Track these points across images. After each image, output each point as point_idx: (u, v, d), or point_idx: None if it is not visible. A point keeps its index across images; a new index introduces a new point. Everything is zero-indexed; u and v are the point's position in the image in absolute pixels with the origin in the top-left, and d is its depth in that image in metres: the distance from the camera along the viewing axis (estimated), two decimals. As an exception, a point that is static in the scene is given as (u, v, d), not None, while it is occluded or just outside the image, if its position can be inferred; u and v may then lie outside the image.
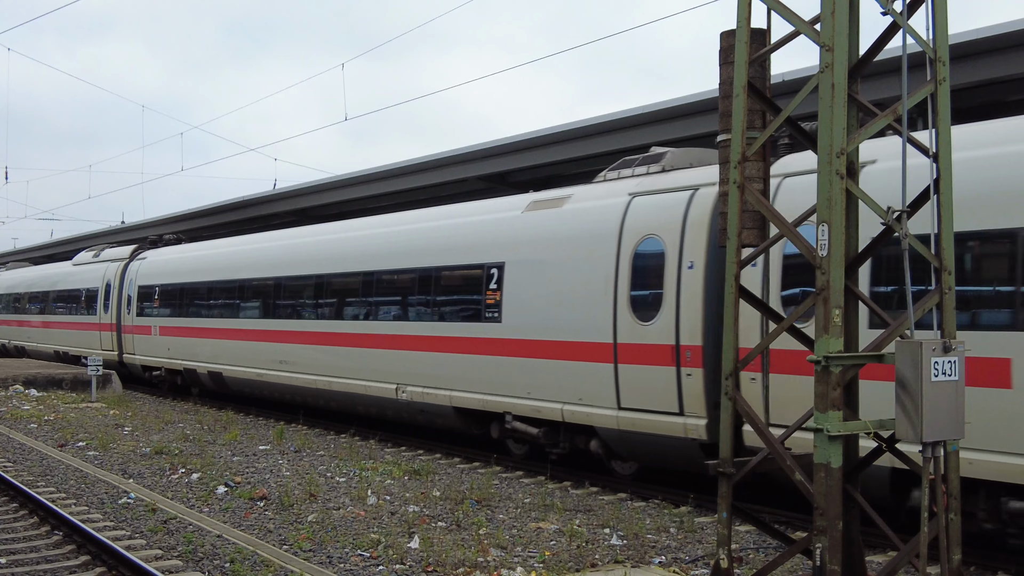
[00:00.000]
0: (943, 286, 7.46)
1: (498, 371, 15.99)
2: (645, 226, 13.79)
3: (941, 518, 7.17)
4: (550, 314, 15.09)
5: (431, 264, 17.85)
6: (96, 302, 33.43)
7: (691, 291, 13.01)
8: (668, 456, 13.66)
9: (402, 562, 10.19)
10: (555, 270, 15.12)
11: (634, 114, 21.42)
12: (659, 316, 13.37)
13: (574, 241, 14.91)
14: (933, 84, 7.46)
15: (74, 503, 13.26)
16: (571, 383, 14.64)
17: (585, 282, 14.51)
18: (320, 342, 21.00)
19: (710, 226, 12.87)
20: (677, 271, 13.19)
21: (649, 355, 13.48)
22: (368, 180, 31.43)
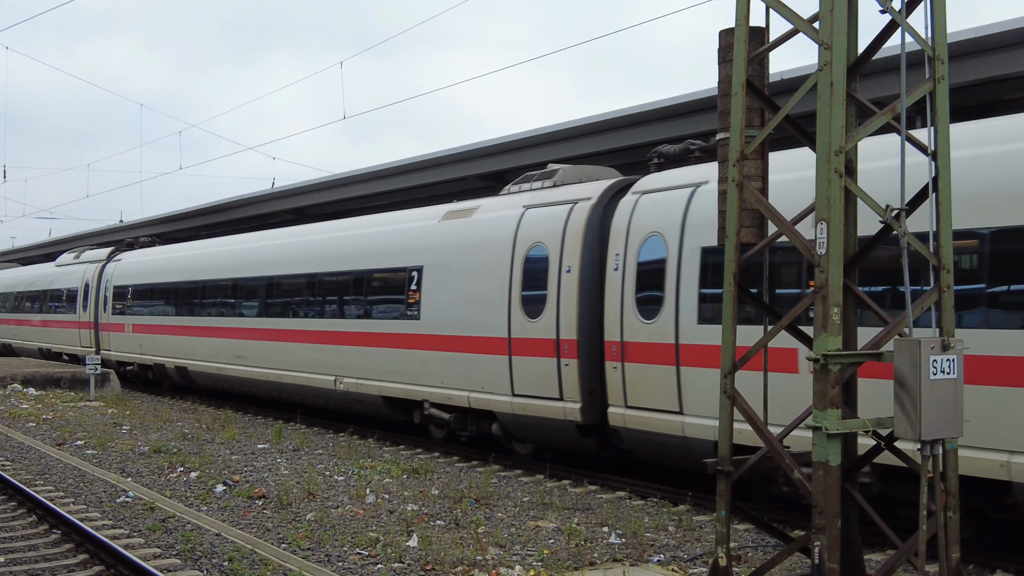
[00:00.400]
0: (941, 284, 7.46)
1: (417, 364, 17.93)
2: (534, 235, 15.73)
3: (940, 516, 7.17)
4: (459, 312, 16.97)
5: (363, 267, 19.85)
6: (76, 301, 35.41)
7: (568, 292, 14.87)
8: (553, 436, 15.51)
9: (401, 560, 10.19)
10: (464, 273, 17.03)
11: (630, 113, 21.44)
12: (543, 314, 15.27)
13: (479, 247, 16.84)
14: (932, 82, 7.46)
15: (72, 502, 13.26)
16: (475, 373, 16.50)
17: (487, 284, 16.38)
18: (271, 338, 23.00)
19: (584, 235, 14.84)
20: (558, 274, 15.10)
21: (536, 348, 15.38)
22: (366, 179, 31.44)
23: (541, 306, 15.29)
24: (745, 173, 7.96)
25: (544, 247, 15.42)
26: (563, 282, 14.96)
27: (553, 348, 15.02)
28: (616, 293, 14.14)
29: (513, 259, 15.95)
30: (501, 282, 16.05)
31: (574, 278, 14.82)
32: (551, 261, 15.24)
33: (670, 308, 13.27)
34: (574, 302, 14.76)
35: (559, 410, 14.95)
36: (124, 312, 31.69)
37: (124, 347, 31.63)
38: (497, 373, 16.01)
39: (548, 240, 15.36)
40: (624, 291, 14.00)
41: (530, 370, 15.41)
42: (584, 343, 14.64)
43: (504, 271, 16.05)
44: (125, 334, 31.48)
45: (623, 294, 14.01)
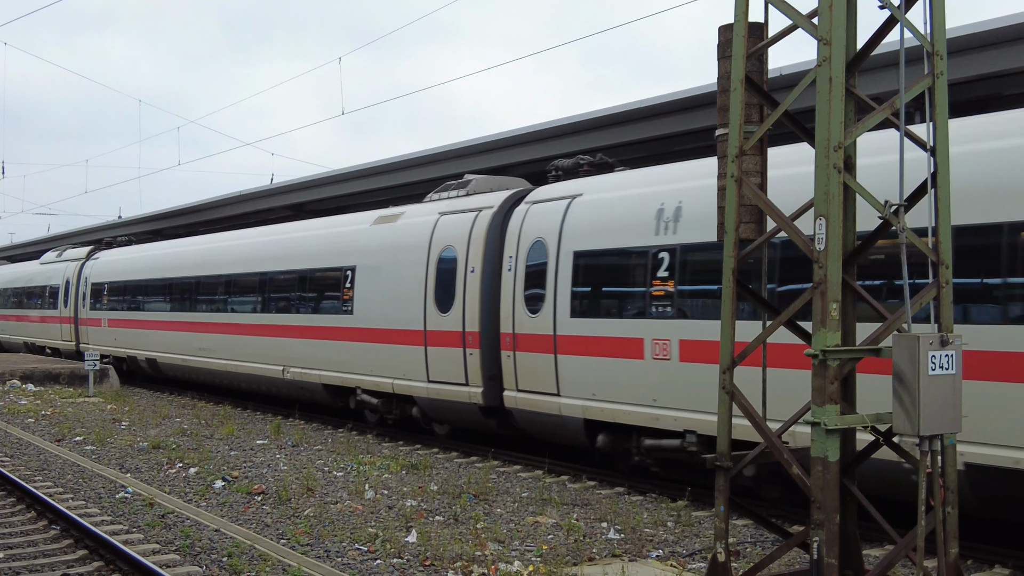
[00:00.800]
0: (940, 280, 7.46)
1: (351, 354, 19.90)
2: (446, 239, 17.59)
3: (938, 511, 7.17)
4: (385, 308, 18.92)
5: (306, 267, 21.96)
6: (58, 297, 37.48)
7: (472, 290, 16.71)
8: (462, 418, 17.56)
9: (400, 556, 10.20)
10: (389, 272, 18.99)
11: (630, 109, 21.42)
12: (452, 309, 17.11)
13: (401, 250, 18.78)
14: (931, 78, 7.45)
15: (72, 497, 13.26)
16: (398, 362, 18.43)
17: (408, 282, 18.29)
18: (228, 332, 25.05)
19: (485, 240, 16.68)
20: (464, 274, 16.93)
21: (446, 339, 17.24)
22: (364, 175, 31.42)
23: (451, 302, 17.18)
24: (744, 169, 7.96)
25: (454, 250, 17.32)
26: (468, 281, 16.83)
27: (460, 339, 16.93)
28: (509, 291, 16.06)
29: (428, 260, 17.85)
30: (419, 281, 17.96)
31: (477, 277, 16.69)
32: (459, 262, 17.11)
33: (550, 304, 15.17)
34: (477, 299, 16.65)
35: (465, 394, 16.83)
36: (100, 307, 33.78)
37: (100, 340, 33.62)
38: (415, 362, 17.94)
39: (457, 244, 17.28)
40: (515, 289, 15.93)
41: (442, 359, 17.29)
42: (485, 335, 16.53)
43: (421, 271, 17.98)
44: (102, 328, 33.54)
45: (514, 291, 15.95)
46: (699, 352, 12.59)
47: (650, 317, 13.47)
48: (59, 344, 37.28)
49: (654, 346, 13.32)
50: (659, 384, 13.31)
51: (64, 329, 36.87)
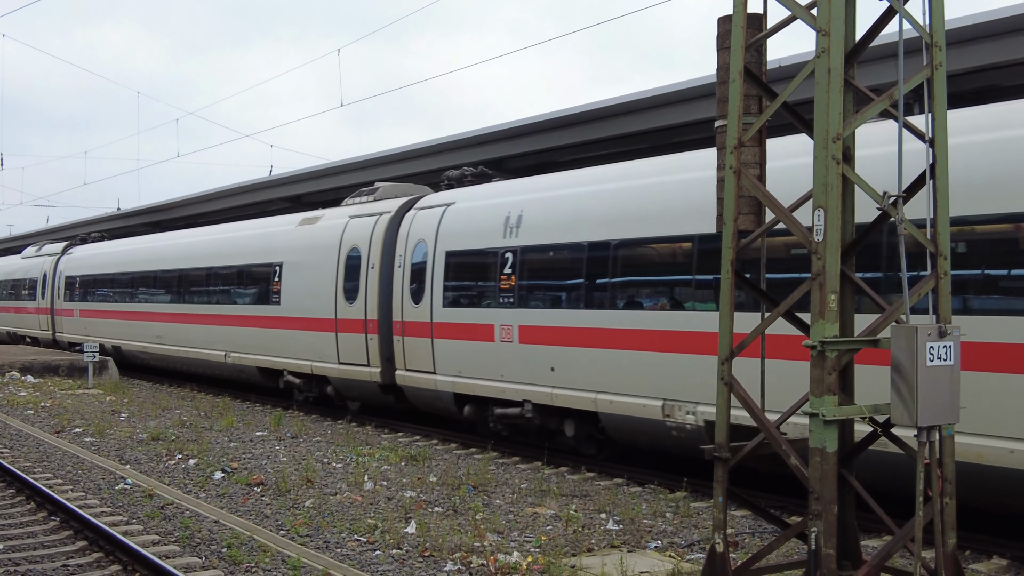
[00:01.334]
0: (939, 271, 7.47)
1: (279, 340, 22.63)
2: (352, 239, 20.21)
3: (936, 502, 7.19)
4: (306, 299, 21.55)
5: (244, 262, 24.70)
6: (36, 290, 40.53)
7: (373, 283, 19.26)
8: (366, 395, 20.29)
9: (399, 547, 10.22)
10: (309, 268, 21.58)
11: (628, 100, 21.41)
12: (357, 300, 19.69)
13: (319, 248, 21.31)
14: (929, 69, 7.45)
15: (71, 489, 13.28)
16: (316, 347, 21.11)
17: (323, 276, 20.85)
18: (179, 321, 27.90)
19: (383, 241, 19.25)
20: (367, 270, 19.49)
21: (353, 326, 19.87)
22: (363, 167, 31.40)
23: (356, 294, 19.77)
24: (743, 160, 7.96)
25: (359, 249, 19.89)
26: (369, 276, 19.40)
27: (363, 326, 19.57)
28: (399, 284, 18.67)
29: (339, 258, 20.47)
30: (332, 275, 20.56)
31: (376, 273, 19.25)
32: (363, 260, 19.71)
33: (428, 296, 17.75)
34: (376, 291, 19.18)
35: (367, 374, 19.50)
36: (73, 299, 36.74)
37: (73, 330, 36.60)
38: (328, 346, 20.64)
39: (361, 244, 19.88)
40: (404, 283, 18.52)
41: (349, 344, 19.98)
42: (382, 322, 19.07)
43: (333, 267, 20.59)
44: (74, 318, 36.47)
45: (403, 285, 18.55)
46: (534, 335, 15.46)
47: (498, 307, 16.19)
48: (37, 333, 40.19)
49: (501, 331, 16.07)
50: (505, 362, 16.00)
51: (42, 319, 39.75)
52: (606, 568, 9.30)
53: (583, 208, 14.98)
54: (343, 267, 20.26)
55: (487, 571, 9.30)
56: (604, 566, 9.38)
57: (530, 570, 9.30)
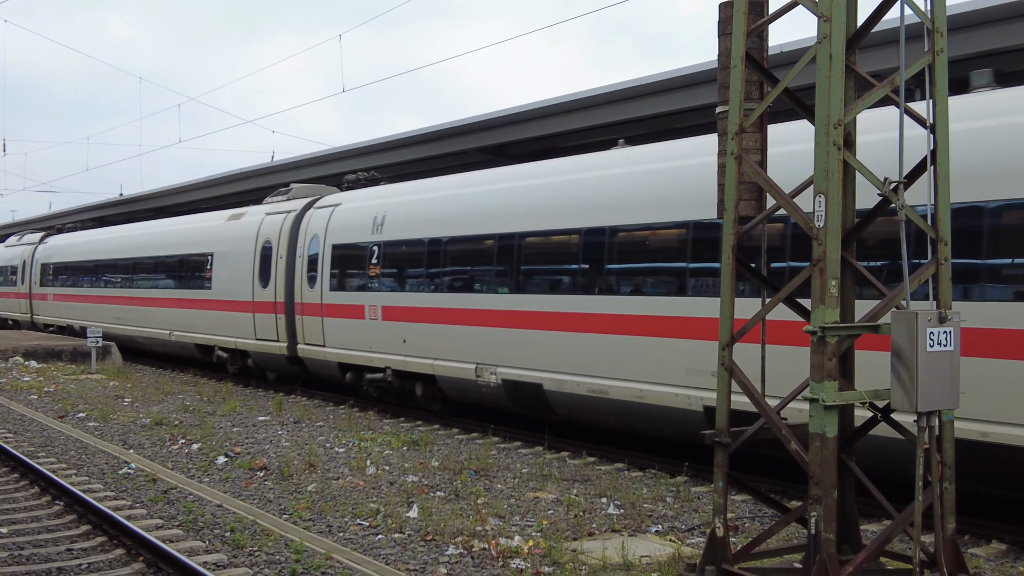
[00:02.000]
0: (939, 257, 7.48)
1: (212, 320, 26.10)
2: (266, 233, 23.64)
3: (935, 487, 7.23)
4: (231, 284, 24.91)
5: (184, 252, 28.23)
6: (17, 275, 44.27)
7: (280, 271, 22.62)
8: (278, 366, 23.63)
9: (401, 531, 10.27)
10: (234, 257, 24.96)
11: (630, 86, 21.39)
12: (269, 285, 23.01)
13: (240, 240, 24.79)
14: (931, 55, 7.46)
15: (75, 473, 13.34)
16: (239, 325, 24.48)
17: (244, 265, 24.27)
18: (133, 304, 31.52)
19: (289, 235, 22.52)
20: (276, 260, 22.84)
21: (266, 308, 23.20)
22: (364, 152, 31.38)
23: (268, 280, 23.09)
24: (744, 146, 7.97)
25: (271, 242, 23.24)
26: (278, 265, 22.73)
27: (273, 307, 22.88)
28: (299, 272, 22.03)
29: (256, 249, 23.88)
30: (250, 264, 23.97)
31: (283, 262, 22.59)
32: (274, 251, 23.02)
33: (319, 281, 21.23)
34: (283, 278, 22.51)
35: (277, 347, 22.87)
36: (47, 285, 40.37)
37: (48, 312, 40.35)
38: (248, 325, 24.02)
39: (272, 237, 23.23)
40: (303, 270, 21.89)
41: (263, 322, 23.33)
42: (288, 303, 22.37)
43: (251, 257, 24.01)
44: (48, 302, 40.18)
45: (303, 272, 21.89)
46: (392, 314, 18.99)
47: (368, 291, 19.72)
48: (18, 316, 44.06)
49: (370, 310, 19.54)
50: (373, 336, 19.45)
51: (21, 303, 43.51)
52: (607, 552, 9.35)
53: (425, 211, 18.74)
54: (259, 257, 23.76)
55: (489, 555, 9.35)
56: (605, 550, 9.43)
57: (531, 554, 9.35)
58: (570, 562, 9.12)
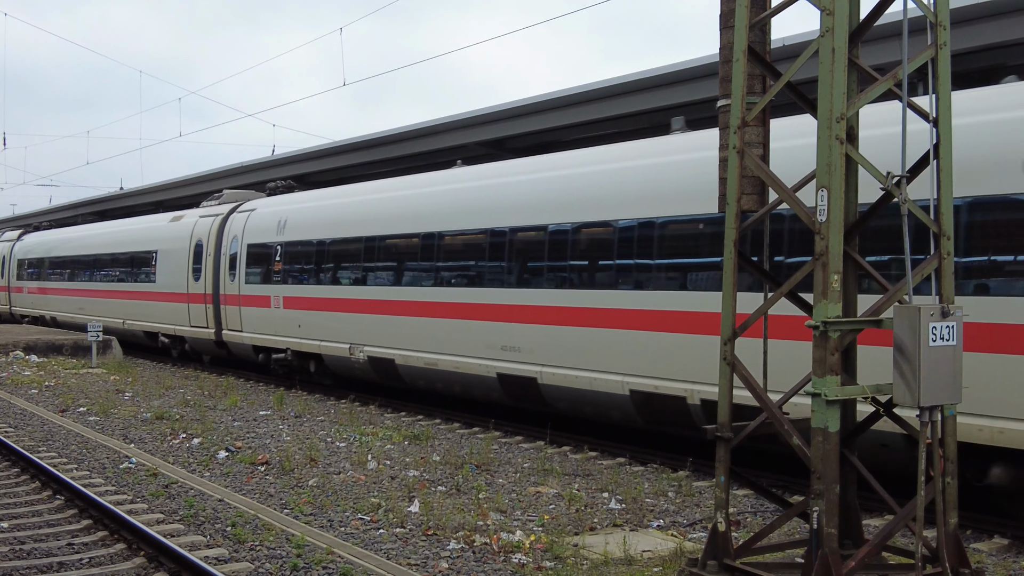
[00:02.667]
0: (941, 251, 7.47)
1: (156, 310, 29.94)
2: (199, 233, 27.41)
3: (937, 482, 7.22)
4: (171, 278, 28.71)
5: (130, 250, 32.36)
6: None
7: (209, 266, 26.26)
8: (208, 349, 27.30)
9: (402, 525, 10.27)
10: (173, 255, 28.67)
11: (625, 81, 21.36)
12: (200, 279, 26.71)
13: (178, 240, 28.58)
14: (934, 49, 7.43)
15: (76, 468, 13.33)
16: (177, 314, 28.27)
17: (180, 261, 28.05)
18: (93, 296, 35.44)
19: (216, 235, 26.27)
20: (206, 256, 26.52)
21: (198, 299, 26.94)
22: (366, 147, 31.35)
23: (200, 275, 26.74)
24: (746, 140, 7.95)
25: (202, 241, 26.94)
26: (207, 261, 26.38)
27: (203, 299, 26.56)
28: (224, 267, 25.62)
29: (190, 247, 27.56)
30: (185, 260, 27.66)
31: (211, 259, 26.22)
32: (204, 249, 26.71)
33: (238, 276, 24.85)
34: (211, 272, 26.11)
35: (207, 333, 26.54)
36: (22, 279, 44.56)
37: (24, 304, 44.16)
38: (184, 314, 27.85)
39: (203, 237, 26.97)
40: (225, 266, 25.53)
41: (196, 312, 27.12)
42: (215, 295, 25.92)
43: (186, 254, 27.73)
44: (23, 294, 44.37)
45: (226, 268, 25.47)
46: (291, 304, 22.60)
47: (273, 284, 23.38)
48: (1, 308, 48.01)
49: (275, 300, 23.16)
50: (277, 323, 23.11)
51: (1, 296, 47.54)
52: (609, 547, 9.34)
53: (315, 217, 22.63)
54: (192, 254, 27.35)
55: (490, 550, 9.34)
56: (607, 545, 9.42)
57: (533, 549, 9.34)
58: (572, 557, 9.11)
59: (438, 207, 18.32)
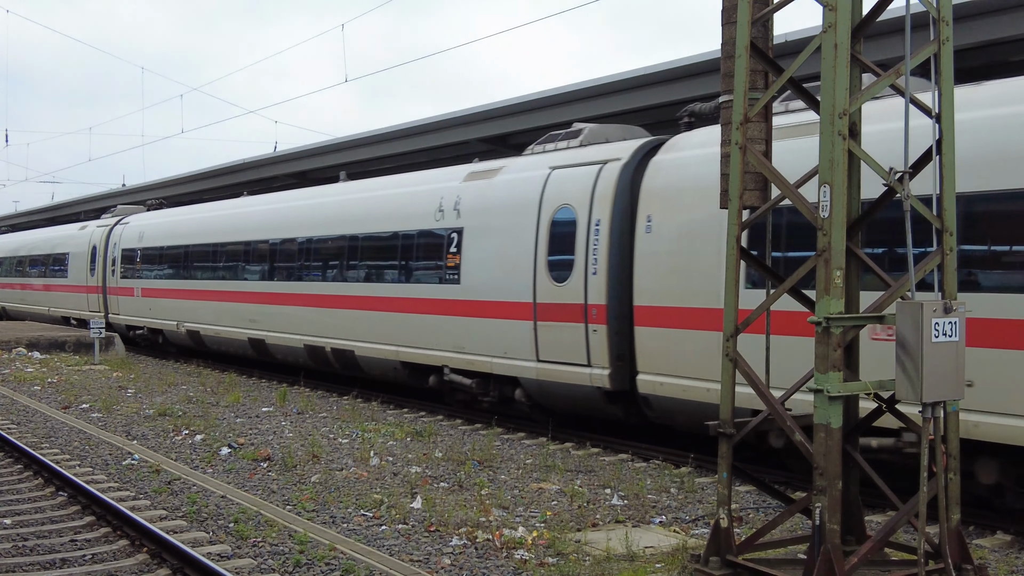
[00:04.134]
0: (944, 247, 7.46)
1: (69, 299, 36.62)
2: (94, 240, 34.33)
3: (940, 478, 7.21)
4: (77, 274, 34.89)
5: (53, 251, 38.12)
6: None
7: (99, 266, 32.31)
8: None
9: (405, 522, 10.27)
10: (77, 256, 33.37)
11: (628, 77, 21.36)
12: (95, 274, 32.87)
13: (80, 244, 33.25)
14: (936, 44, 7.42)
15: (78, 464, 13.35)
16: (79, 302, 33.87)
17: (83, 261, 34.27)
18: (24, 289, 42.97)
19: (104, 241, 33.39)
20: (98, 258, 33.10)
21: (92, 290, 32.86)
22: (368, 143, 31.36)
23: (94, 271, 33.57)
24: (748, 136, 7.94)
25: (96, 246, 33.52)
26: (99, 262, 33.00)
27: (97, 290, 33.32)
28: (108, 266, 32.46)
29: (88, 251, 33.60)
30: (85, 260, 33.53)
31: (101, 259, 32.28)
32: (97, 252, 33.49)
33: (116, 273, 32.09)
34: (100, 270, 32.07)
35: (99, 316, 31.24)
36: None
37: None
38: (84, 301, 33.91)
39: (97, 243, 33.59)
40: (109, 265, 32.27)
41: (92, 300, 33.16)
42: (103, 287, 32.41)
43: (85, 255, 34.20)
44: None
45: (108, 266, 32.14)
46: (146, 293, 29.16)
47: (135, 279, 30.60)
48: None
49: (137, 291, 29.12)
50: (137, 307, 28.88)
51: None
52: (611, 543, 9.34)
53: (159, 230, 30.17)
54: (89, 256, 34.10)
55: (492, 546, 9.34)
56: (609, 541, 9.42)
57: (535, 545, 9.35)
58: (574, 553, 9.11)
59: (230, 224, 25.99)
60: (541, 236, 15.39)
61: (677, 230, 13.23)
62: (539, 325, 15.25)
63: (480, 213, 16.81)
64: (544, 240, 15.36)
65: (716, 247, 12.09)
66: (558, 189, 15.39)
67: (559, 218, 15.22)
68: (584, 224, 14.69)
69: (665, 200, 13.53)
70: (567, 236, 15.00)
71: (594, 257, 14.43)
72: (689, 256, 12.94)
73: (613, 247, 14.30)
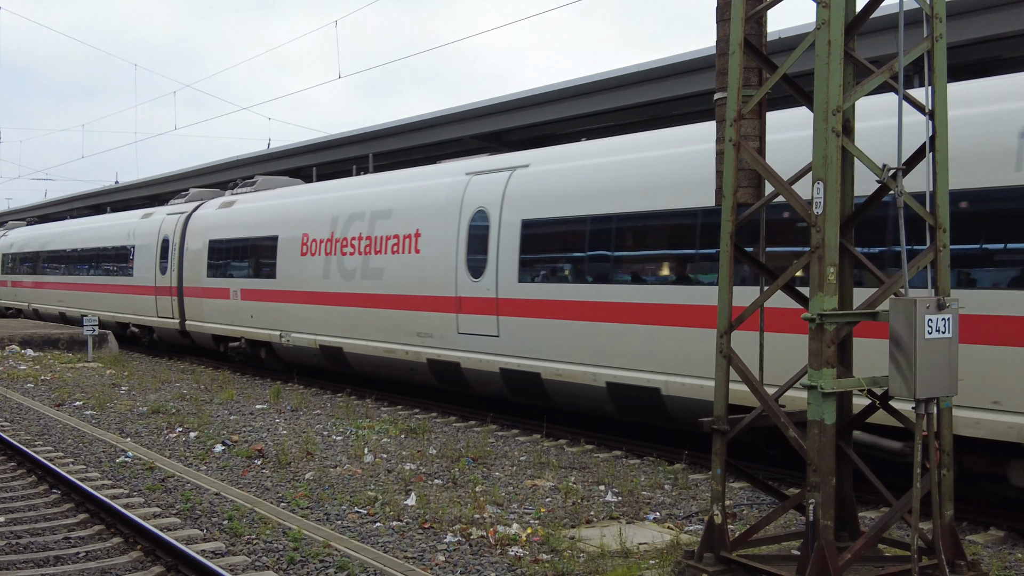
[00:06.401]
0: (937, 244, 7.47)
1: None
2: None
3: (934, 474, 7.23)
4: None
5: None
6: None
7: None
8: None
9: (399, 519, 10.27)
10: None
11: (622, 74, 21.35)
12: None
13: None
14: (929, 41, 7.43)
15: (72, 462, 13.33)
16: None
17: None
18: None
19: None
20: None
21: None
22: (362, 140, 31.33)
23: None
24: (742, 133, 7.95)
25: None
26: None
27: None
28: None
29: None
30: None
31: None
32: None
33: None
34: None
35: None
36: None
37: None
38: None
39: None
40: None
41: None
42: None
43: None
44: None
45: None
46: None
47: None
48: None
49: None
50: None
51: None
52: (605, 539, 9.35)
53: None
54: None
55: (487, 543, 9.35)
56: (603, 537, 9.43)
57: (530, 542, 9.35)
58: (568, 549, 9.12)
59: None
60: None
61: None
62: None
63: None
64: None
65: None
66: None
67: None
68: None
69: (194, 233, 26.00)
70: None
71: None
72: None
73: None
